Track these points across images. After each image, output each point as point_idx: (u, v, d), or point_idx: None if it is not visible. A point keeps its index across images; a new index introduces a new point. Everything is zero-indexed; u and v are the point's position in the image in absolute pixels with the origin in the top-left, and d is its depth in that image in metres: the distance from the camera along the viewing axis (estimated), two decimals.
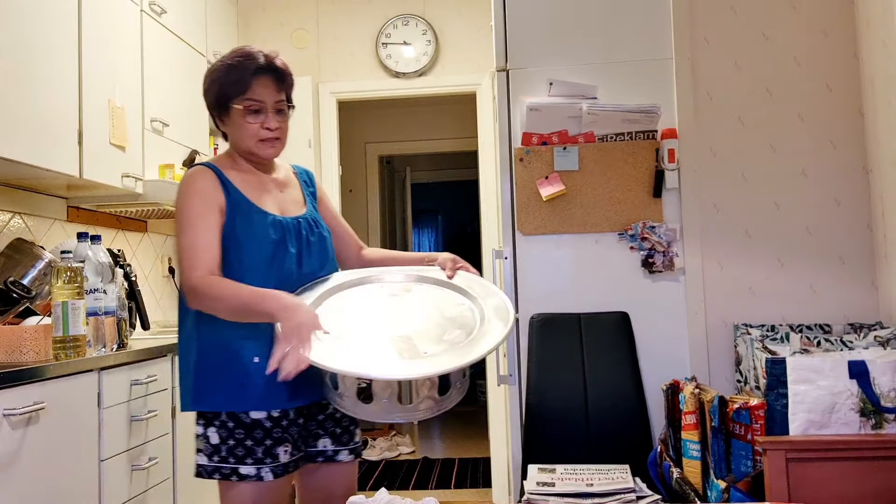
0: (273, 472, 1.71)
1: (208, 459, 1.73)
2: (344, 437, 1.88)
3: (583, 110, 2.57)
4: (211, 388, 1.73)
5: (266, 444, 1.71)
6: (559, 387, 2.45)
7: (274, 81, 1.80)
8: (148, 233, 3.59)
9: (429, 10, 4.24)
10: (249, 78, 1.77)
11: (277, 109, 1.81)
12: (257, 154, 1.83)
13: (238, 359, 1.72)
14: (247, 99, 1.78)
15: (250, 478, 1.70)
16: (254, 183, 1.84)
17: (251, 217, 1.77)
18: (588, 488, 1.95)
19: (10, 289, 2.29)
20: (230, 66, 1.80)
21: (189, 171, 1.83)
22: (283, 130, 1.84)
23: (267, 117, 1.79)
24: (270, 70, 1.80)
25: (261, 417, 1.72)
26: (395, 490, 4.18)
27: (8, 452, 1.74)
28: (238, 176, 1.82)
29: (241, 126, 1.81)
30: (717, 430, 1.97)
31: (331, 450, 1.86)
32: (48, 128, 2.36)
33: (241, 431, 1.71)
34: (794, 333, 2.33)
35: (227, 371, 1.72)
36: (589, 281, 2.55)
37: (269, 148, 1.82)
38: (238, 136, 1.83)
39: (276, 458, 1.72)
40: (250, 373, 1.71)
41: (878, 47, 2.39)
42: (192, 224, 1.73)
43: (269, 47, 1.87)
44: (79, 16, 2.55)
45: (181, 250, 1.73)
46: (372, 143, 6.10)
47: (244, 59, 1.79)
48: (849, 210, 2.53)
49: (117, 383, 2.20)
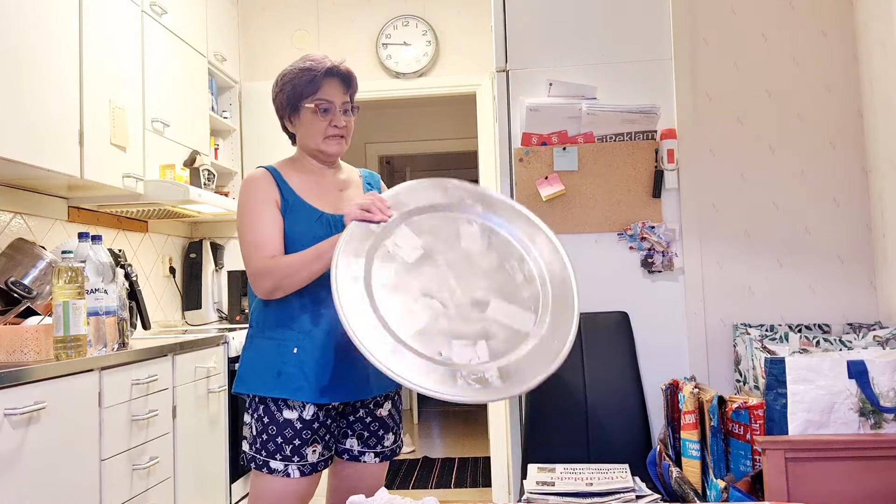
0: (300, 470, 1.81)
1: (249, 447, 1.85)
2: (371, 440, 1.94)
3: (582, 111, 2.58)
4: (252, 373, 1.85)
5: (295, 444, 1.80)
6: (559, 386, 2.45)
7: (341, 83, 1.95)
8: (149, 233, 3.60)
9: (429, 11, 4.24)
10: (321, 79, 1.91)
11: (344, 110, 1.94)
12: (324, 150, 1.94)
13: (279, 348, 1.83)
14: (318, 98, 1.91)
15: (278, 472, 1.80)
16: (312, 183, 1.95)
17: (300, 213, 1.88)
18: (588, 488, 1.96)
19: (11, 289, 2.29)
20: (303, 69, 1.93)
21: (248, 174, 1.96)
22: (349, 129, 1.97)
23: (335, 116, 1.92)
24: (338, 73, 1.94)
25: (292, 417, 1.81)
26: (395, 489, 4.18)
27: (9, 452, 1.74)
28: (297, 176, 1.94)
29: (310, 123, 1.93)
30: (716, 430, 1.97)
31: (357, 450, 1.93)
32: (49, 128, 2.36)
33: (273, 428, 1.81)
34: (794, 333, 2.34)
35: (267, 358, 1.84)
36: (588, 281, 2.56)
37: (336, 145, 1.94)
38: (307, 134, 1.94)
39: (304, 458, 1.81)
40: (287, 362, 1.81)
41: (877, 48, 2.40)
42: (251, 221, 1.85)
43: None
44: (80, 16, 2.56)
45: (245, 247, 1.85)
46: (372, 143, 6.10)
47: (315, 63, 1.93)
48: (848, 210, 2.53)
49: (118, 383, 2.21)
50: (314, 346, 1.82)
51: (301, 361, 1.80)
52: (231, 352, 2.99)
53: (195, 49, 3.53)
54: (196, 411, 2.72)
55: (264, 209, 1.86)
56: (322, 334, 1.82)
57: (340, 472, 1.97)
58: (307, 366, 1.80)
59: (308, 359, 1.81)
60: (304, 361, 1.81)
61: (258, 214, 1.85)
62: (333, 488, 1.99)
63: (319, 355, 1.81)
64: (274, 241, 1.83)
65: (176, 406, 2.56)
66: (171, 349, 2.53)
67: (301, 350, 1.81)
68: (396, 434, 1.98)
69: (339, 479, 1.98)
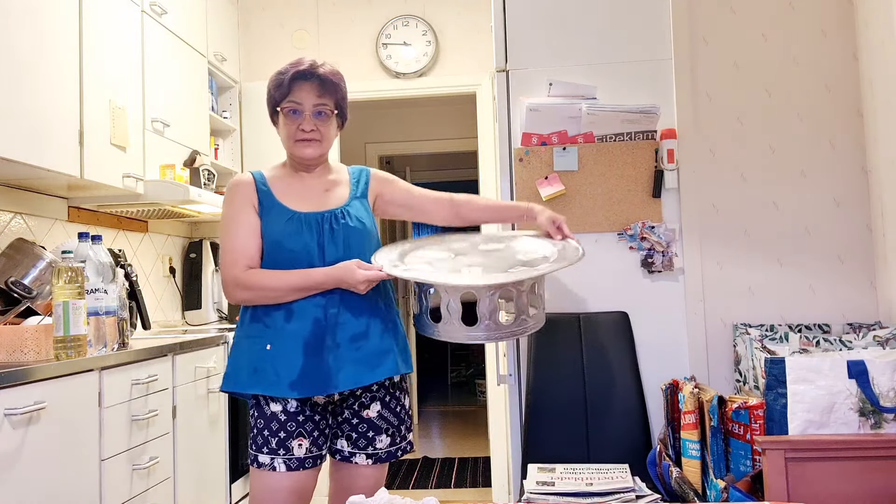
0: (287, 464, 1.84)
1: (249, 444, 1.91)
2: (360, 441, 1.95)
3: (582, 111, 2.58)
4: (234, 370, 1.91)
5: (280, 436, 1.84)
6: (559, 386, 2.45)
7: (316, 86, 1.91)
8: (149, 233, 3.60)
9: (429, 11, 4.24)
10: (289, 82, 1.90)
11: (317, 112, 1.92)
12: (295, 154, 1.95)
13: (254, 345, 1.89)
14: (288, 101, 1.91)
15: (265, 466, 1.84)
16: (296, 185, 1.97)
17: (273, 214, 1.91)
18: (588, 488, 1.96)
19: (11, 289, 2.29)
20: (277, 74, 1.94)
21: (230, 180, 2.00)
22: (323, 133, 1.94)
23: (304, 119, 1.91)
24: (312, 76, 1.91)
25: (277, 410, 1.86)
26: (394, 489, 4.18)
27: (9, 452, 1.74)
28: (282, 180, 1.97)
29: (284, 127, 1.94)
30: (716, 430, 1.97)
31: (347, 451, 1.95)
32: (49, 128, 2.36)
33: (261, 422, 1.87)
34: (794, 333, 2.34)
35: (245, 356, 1.90)
36: (588, 281, 2.56)
37: (306, 148, 1.93)
38: (282, 138, 1.97)
39: (290, 451, 1.84)
40: (262, 358, 1.87)
41: (878, 47, 2.40)
42: (228, 227, 1.92)
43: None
44: (80, 16, 2.56)
45: (223, 252, 1.91)
46: (372, 143, 6.10)
47: (290, 66, 1.93)
48: (848, 210, 2.53)
49: (118, 383, 2.21)
50: (284, 343, 1.86)
51: (273, 357, 1.86)
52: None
53: (195, 49, 3.53)
54: (196, 411, 2.72)
55: (240, 216, 1.90)
56: (291, 330, 1.86)
57: (336, 473, 1.99)
58: (278, 361, 1.85)
59: (279, 354, 1.86)
60: (276, 357, 1.86)
61: (233, 221, 1.91)
62: (333, 490, 2.01)
63: (289, 351, 1.86)
64: (248, 248, 1.89)
65: (176, 406, 2.56)
66: (171, 349, 2.53)
67: (273, 346, 1.87)
68: (394, 436, 1.97)
69: (335, 480, 2.00)
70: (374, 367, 1.89)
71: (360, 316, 1.89)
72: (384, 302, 1.97)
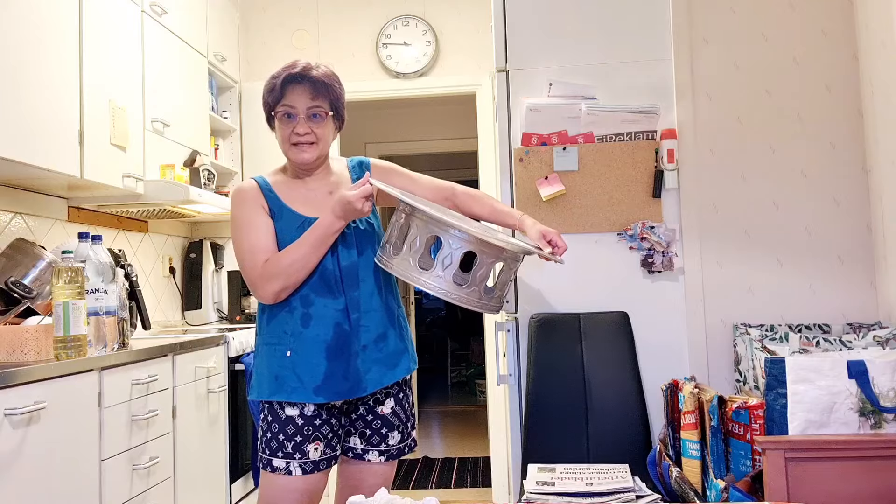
0: (302, 467, 1.83)
1: (259, 448, 1.89)
2: (374, 438, 1.95)
3: (582, 111, 2.58)
4: (257, 379, 1.90)
5: (296, 440, 1.83)
6: (559, 386, 2.45)
7: (309, 89, 1.88)
8: (149, 233, 3.60)
9: (429, 11, 4.24)
10: (282, 86, 1.88)
11: (311, 115, 1.89)
12: (292, 159, 1.93)
13: (275, 352, 1.87)
14: (281, 105, 1.89)
15: (280, 470, 1.83)
16: (300, 189, 1.95)
17: (285, 221, 1.89)
18: (588, 488, 1.96)
19: (11, 289, 2.29)
20: (270, 79, 1.92)
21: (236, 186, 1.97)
22: (318, 136, 1.91)
23: (298, 123, 1.88)
24: (304, 78, 1.88)
25: (293, 414, 1.85)
26: (395, 489, 4.18)
27: (9, 452, 1.74)
28: (285, 184, 1.95)
29: (279, 131, 1.92)
30: (716, 430, 1.97)
31: (360, 448, 1.95)
32: (49, 128, 2.36)
33: (276, 426, 1.85)
34: (794, 333, 2.34)
35: (266, 364, 1.89)
36: (588, 281, 2.56)
37: (302, 153, 1.91)
38: (279, 143, 1.94)
39: (306, 455, 1.84)
40: (282, 366, 1.85)
41: (878, 48, 2.40)
42: (242, 230, 1.88)
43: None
44: (80, 16, 2.56)
45: (242, 255, 1.87)
46: (372, 143, 6.10)
47: (283, 70, 1.91)
48: (848, 210, 2.53)
49: (118, 383, 2.21)
50: (305, 348, 1.84)
51: (294, 364, 1.84)
52: (231, 352, 2.99)
53: (195, 49, 3.53)
54: (196, 411, 2.72)
55: (254, 219, 1.88)
56: (312, 335, 1.85)
57: (346, 470, 1.98)
58: (299, 367, 1.84)
59: (300, 360, 1.84)
60: (297, 363, 1.84)
61: (247, 224, 1.88)
62: (340, 488, 2.00)
63: (310, 356, 1.84)
64: (267, 245, 1.86)
65: (176, 406, 2.56)
66: (171, 349, 2.53)
67: (293, 353, 1.85)
68: (404, 433, 1.98)
69: (344, 477, 1.99)
70: (394, 367, 1.92)
71: (381, 318, 1.90)
72: (396, 302, 1.98)
